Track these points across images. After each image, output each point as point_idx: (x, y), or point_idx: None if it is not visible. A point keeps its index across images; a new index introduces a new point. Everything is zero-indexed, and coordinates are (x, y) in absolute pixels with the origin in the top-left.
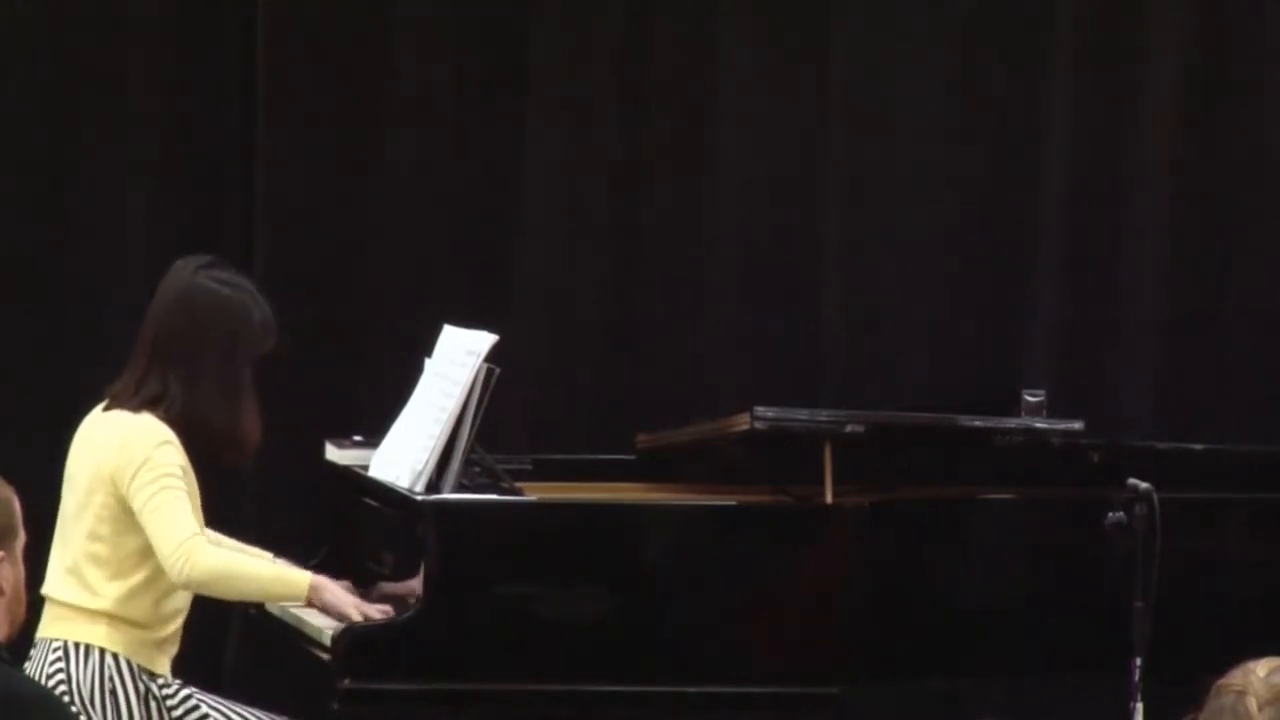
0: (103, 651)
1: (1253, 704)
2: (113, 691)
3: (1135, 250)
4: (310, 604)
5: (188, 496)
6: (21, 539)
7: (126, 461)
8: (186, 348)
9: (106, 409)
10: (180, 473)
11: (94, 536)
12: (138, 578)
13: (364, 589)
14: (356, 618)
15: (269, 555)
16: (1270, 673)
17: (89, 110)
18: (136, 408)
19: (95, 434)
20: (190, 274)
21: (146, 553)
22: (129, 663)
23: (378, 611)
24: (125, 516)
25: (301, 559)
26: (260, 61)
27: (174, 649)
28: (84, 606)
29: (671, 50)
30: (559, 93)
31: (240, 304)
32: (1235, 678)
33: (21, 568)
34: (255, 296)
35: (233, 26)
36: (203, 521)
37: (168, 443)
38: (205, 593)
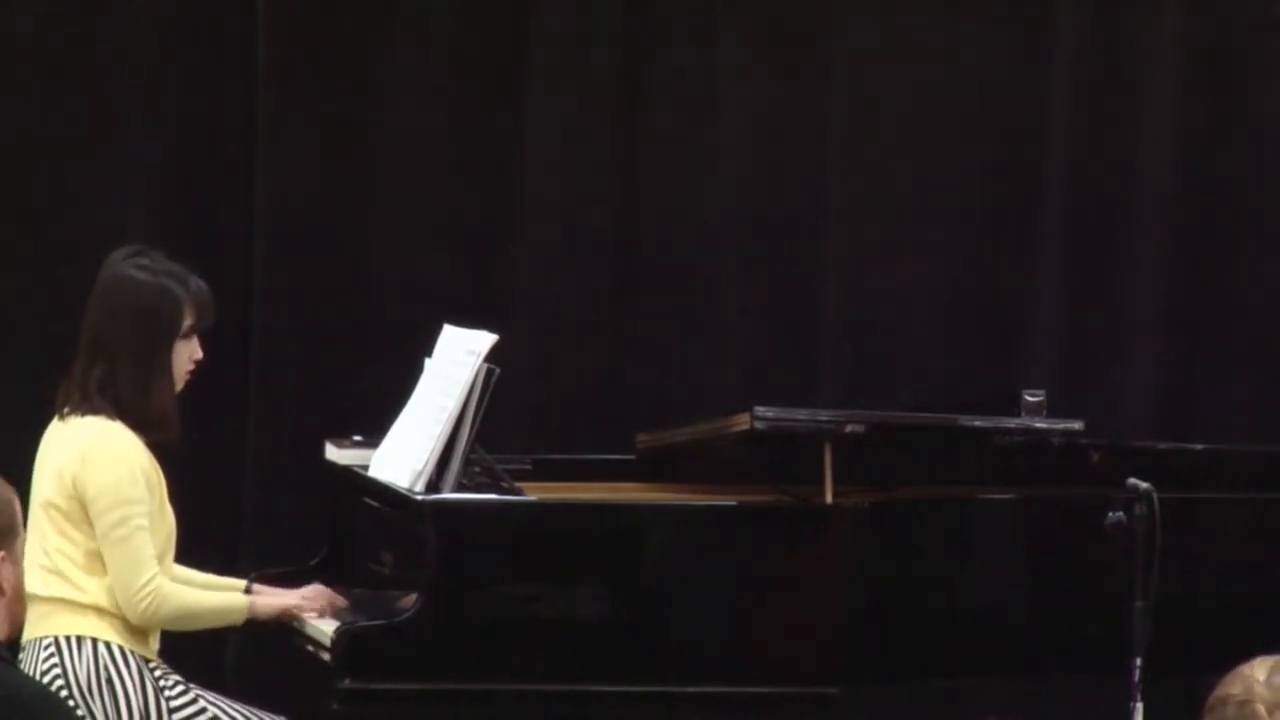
0: (95, 641)
1: (1261, 710)
2: (109, 680)
3: (1135, 251)
4: (256, 618)
5: (149, 531)
6: (22, 538)
7: (91, 475)
8: (111, 339)
9: (63, 418)
10: (144, 500)
11: (64, 536)
12: None
13: (365, 589)
14: (298, 602)
15: (240, 584)
16: (1270, 674)
17: (88, 110)
18: (85, 411)
19: (57, 443)
20: (109, 268)
21: None
22: (123, 649)
23: (311, 590)
24: (91, 519)
25: (301, 559)
26: (260, 61)
27: (158, 631)
28: (72, 600)
29: (671, 51)
30: (558, 93)
31: (156, 287)
32: (1234, 686)
33: (23, 567)
34: (177, 277)
35: (233, 27)
36: (173, 541)
37: (130, 462)
38: (163, 629)
